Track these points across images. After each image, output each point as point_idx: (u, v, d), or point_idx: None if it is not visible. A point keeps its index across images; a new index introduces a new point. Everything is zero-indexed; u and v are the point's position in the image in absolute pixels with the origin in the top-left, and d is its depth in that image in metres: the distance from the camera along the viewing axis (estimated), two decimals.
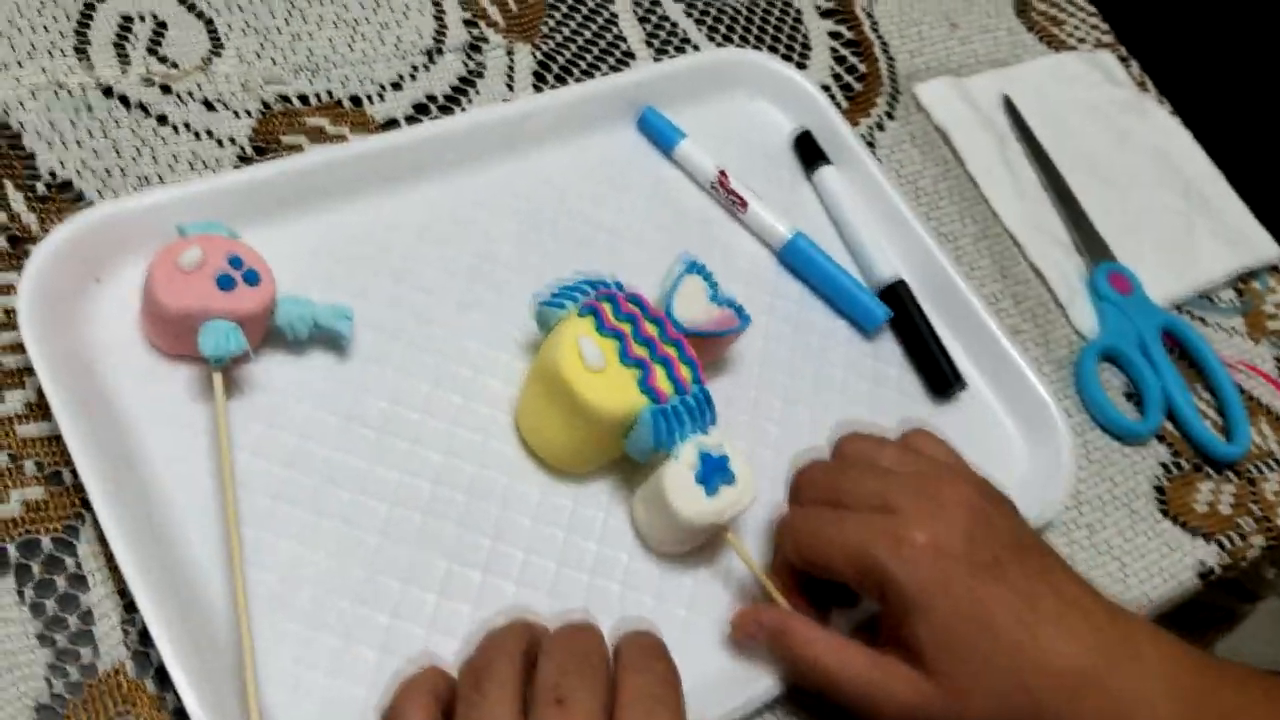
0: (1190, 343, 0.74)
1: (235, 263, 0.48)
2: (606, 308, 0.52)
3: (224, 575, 0.46)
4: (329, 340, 0.53)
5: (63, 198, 0.53)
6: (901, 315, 0.65)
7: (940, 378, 0.64)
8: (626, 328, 0.52)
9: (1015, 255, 0.74)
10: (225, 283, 0.48)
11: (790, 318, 0.64)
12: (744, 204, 0.65)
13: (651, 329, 0.52)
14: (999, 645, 0.46)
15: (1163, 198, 0.81)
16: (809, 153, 0.70)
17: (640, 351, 0.51)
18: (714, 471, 0.50)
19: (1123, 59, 0.87)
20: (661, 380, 0.51)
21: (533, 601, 0.51)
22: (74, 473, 0.46)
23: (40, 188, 0.53)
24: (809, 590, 0.52)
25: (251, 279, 0.48)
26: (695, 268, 0.57)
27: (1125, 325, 0.73)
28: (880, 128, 0.75)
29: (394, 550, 0.50)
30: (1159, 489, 0.68)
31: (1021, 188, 0.76)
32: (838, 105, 0.73)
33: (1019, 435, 0.65)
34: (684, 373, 0.52)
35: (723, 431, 0.52)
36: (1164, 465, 0.69)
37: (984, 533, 0.48)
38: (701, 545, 0.53)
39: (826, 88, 0.74)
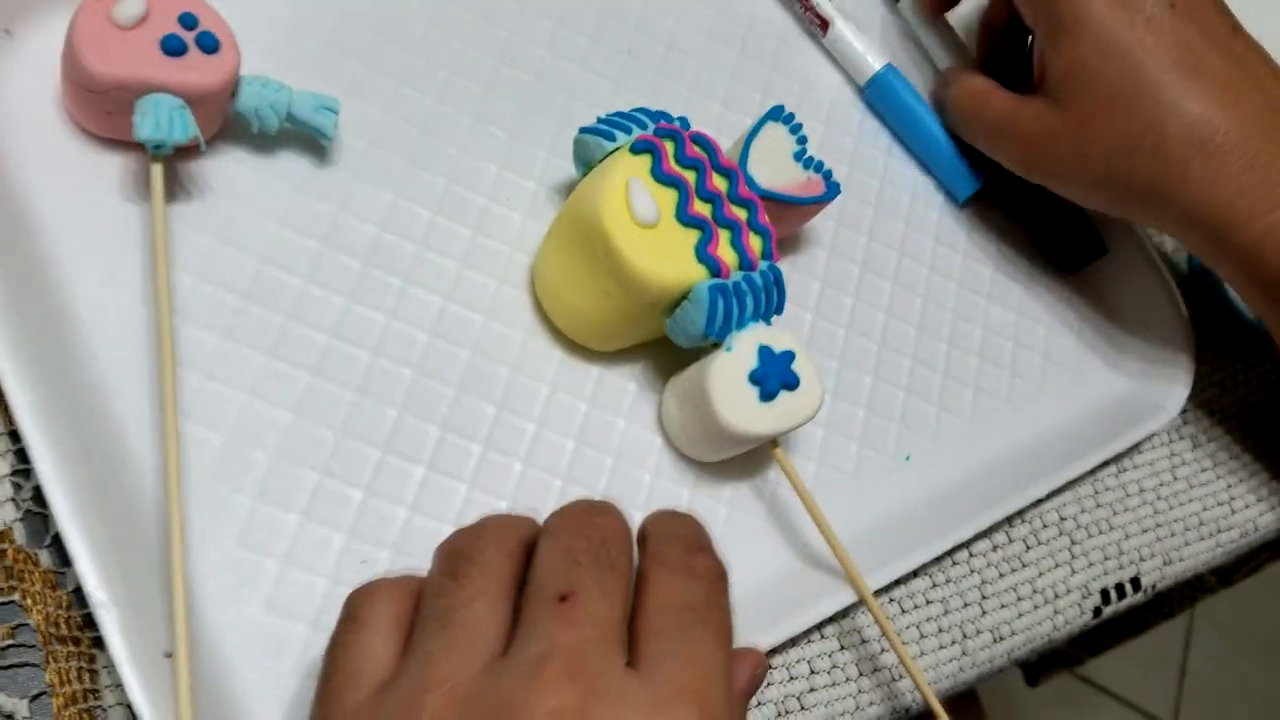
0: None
1: (188, 22, 0.37)
2: (668, 147, 0.40)
3: (153, 429, 0.36)
4: (306, 140, 0.42)
5: None
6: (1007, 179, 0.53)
7: (1077, 243, 0.54)
8: (690, 176, 0.40)
9: None
10: (173, 46, 0.36)
11: (877, 169, 0.52)
12: (825, 25, 0.53)
13: (720, 183, 0.41)
14: (1141, 84, 0.44)
15: None
16: None
17: (702, 209, 0.40)
18: (774, 372, 0.40)
19: None
20: (725, 249, 0.40)
21: (543, 484, 0.41)
22: None
23: None
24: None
25: (208, 45, 0.37)
26: (782, 115, 0.45)
27: None
28: None
29: (375, 411, 0.39)
30: None
31: None
32: None
33: (1131, 321, 0.54)
34: (754, 243, 0.41)
35: (785, 319, 0.42)
36: None
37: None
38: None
39: None
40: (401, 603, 0.31)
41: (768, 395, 0.40)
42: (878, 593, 0.43)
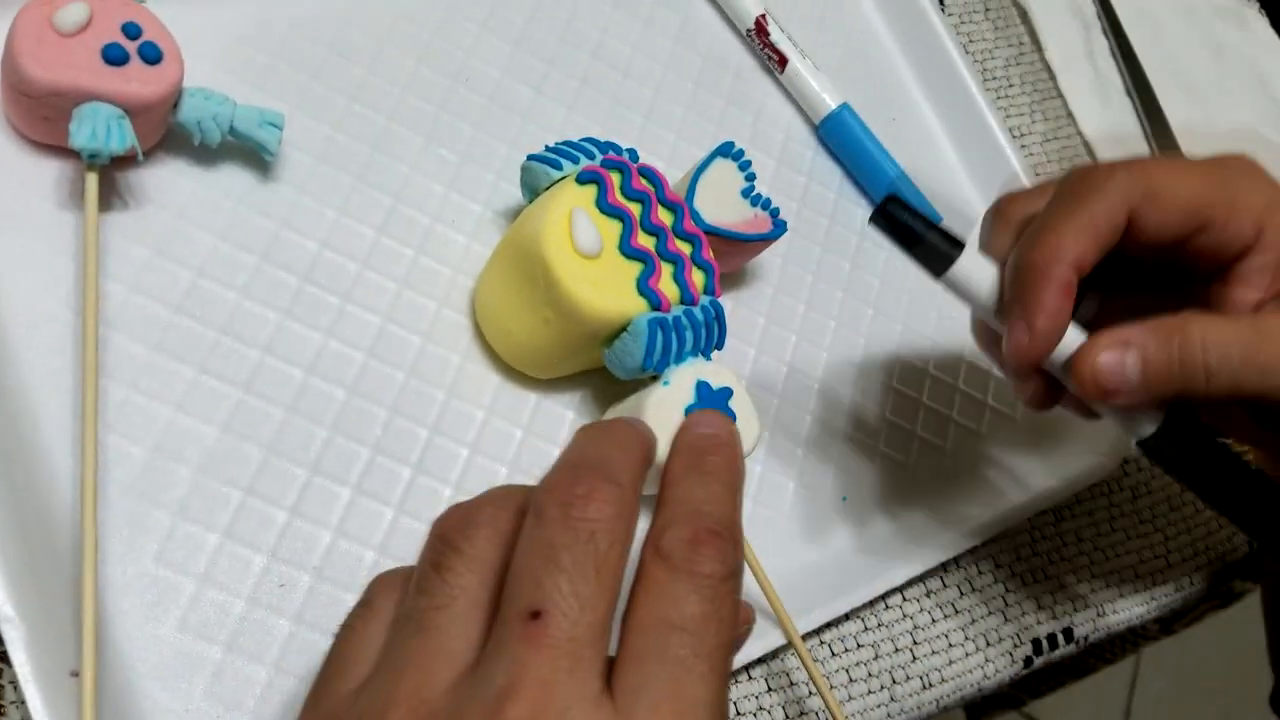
0: None
1: (131, 31, 0.36)
2: (614, 178, 0.40)
3: (74, 440, 0.35)
4: (248, 154, 0.41)
5: None
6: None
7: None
8: (635, 209, 0.40)
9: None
10: (114, 55, 0.36)
11: (826, 208, 0.52)
12: (783, 62, 0.53)
13: (665, 217, 0.41)
14: None
15: (1255, 124, 0.70)
16: None
17: (646, 242, 0.40)
18: (711, 408, 0.39)
19: None
20: (667, 282, 0.40)
21: None
22: None
23: None
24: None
25: (151, 55, 0.36)
26: (732, 151, 0.45)
27: None
28: None
29: (305, 430, 0.39)
30: None
31: (1104, 89, 0.65)
32: None
33: None
34: (696, 278, 0.41)
35: (728, 355, 0.41)
36: None
37: None
38: None
39: None
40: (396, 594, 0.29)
41: None
42: (809, 635, 0.43)
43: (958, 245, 0.37)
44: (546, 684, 0.25)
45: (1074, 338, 0.36)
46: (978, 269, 0.38)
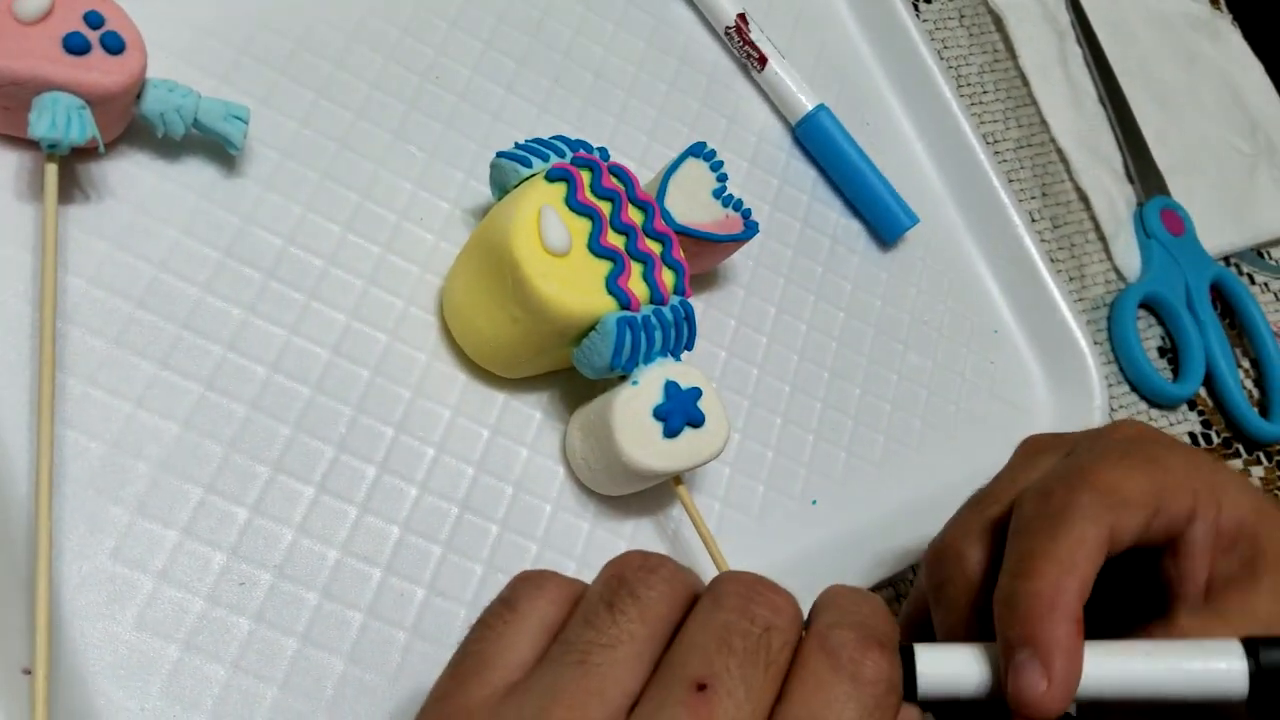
0: (1239, 301, 0.64)
1: (94, 20, 0.36)
2: (585, 176, 0.40)
3: (29, 435, 0.35)
4: (213, 148, 0.41)
5: None
6: None
7: None
8: (605, 207, 0.40)
9: (1060, 172, 0.63)
10: (75, 44, 0.35)
11: (799, 210, 0.52)
12: (762, 61, 0.53)
13: (635, 216, 0.41)
14: None
15: (1226, 134, 0.70)
16: None
17: (616, 241, 0.40)
18: (679, 409, 0.39)
19: None
20: (636, 281, 0.40)
21: (439, 510, 0.40)
22: None
23: None
24: None
25: (113, 45, 0.36)
26: (703, 151, 0.45)
27: (1172, 271, 0.62)
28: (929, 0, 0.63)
29: (268, 428, 0.38)
30: None
31: (1077, 97, 0.65)
32: None
33: (1044, 380, 0.55)
34: (665, 278, 0.41)
35: (698, 356, 0.41)
36: (1191, 435, 0.60)
37: None
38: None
39: None
40: (561, 608, 0.28)
41: (671, 431, 0.39)
42: None
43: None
44: None
45: None
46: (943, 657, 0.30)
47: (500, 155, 0.41)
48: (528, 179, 0.41)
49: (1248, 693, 0.29)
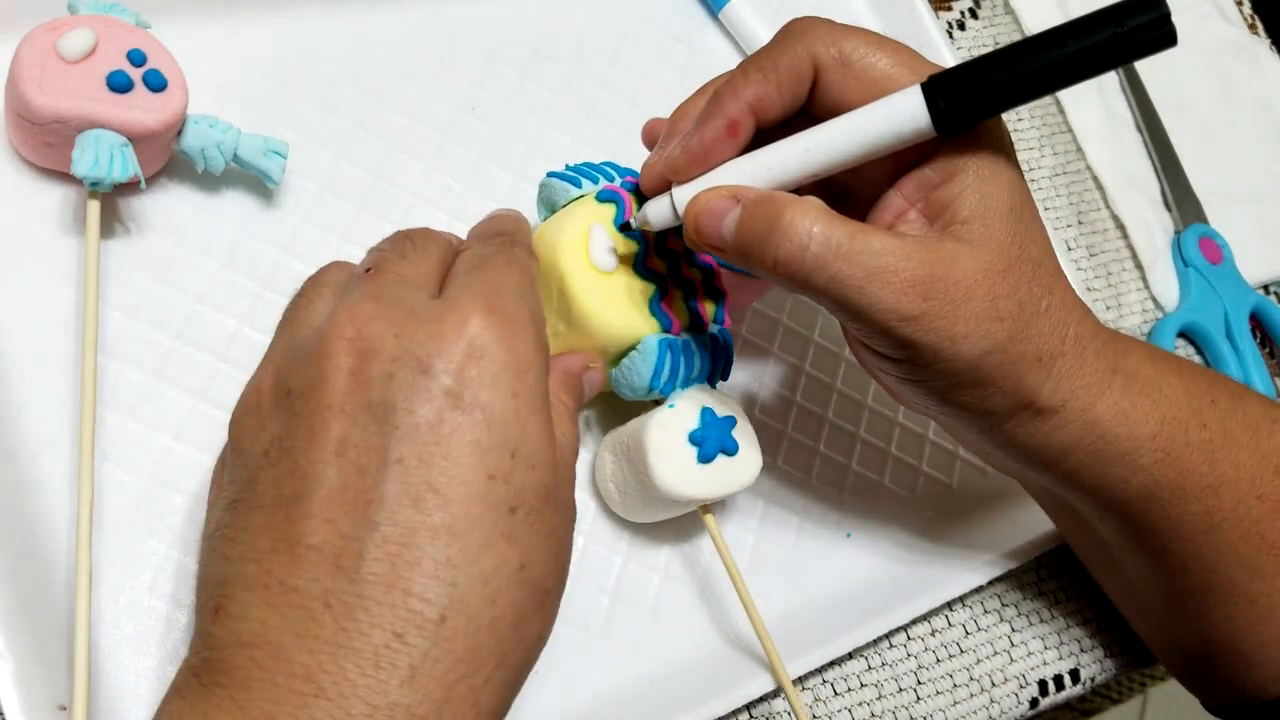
0: (1276, 332, 0.63)
1: (136, 59, 0.36)
2: (633, 200, 0.40)
3: (69, 468, 0.35)
4: (251, 182, 0.41)
5: None
6: None
7: None
8: (651, 233, 0.40)
9: (1097, 200, 0.62)
10: (119, 83, 0.36)
11: None
12: None
13: (679, 244, 0.41)
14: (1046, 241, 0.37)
15: (1265, 162, 0.69)
16: None
17: (660, 264, 0.40)
18: (714, 435, 0.39)
19: None
20: (678, 306, 0.40)
21: None
22: None
23: None
24: None
25: (155, 83, 0.36)
26: None
27: (1211, 300, 0.62)
28: (961, 26, 0.63)
29: None
30: None
31: (1114, 124, 0.65)
32: None
33: None
34: (706, 306, 0.41)
35: (734, 385, 0.41)
36: None
37: None
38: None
39: None
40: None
41: (705, 458, 0.39)
42: (811, 674, 0.43)
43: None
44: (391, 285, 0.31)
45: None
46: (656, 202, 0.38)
47: (551, 175, 0.42)
48: (577, 199, 0.41)
49: (930, 123, 0.33)
